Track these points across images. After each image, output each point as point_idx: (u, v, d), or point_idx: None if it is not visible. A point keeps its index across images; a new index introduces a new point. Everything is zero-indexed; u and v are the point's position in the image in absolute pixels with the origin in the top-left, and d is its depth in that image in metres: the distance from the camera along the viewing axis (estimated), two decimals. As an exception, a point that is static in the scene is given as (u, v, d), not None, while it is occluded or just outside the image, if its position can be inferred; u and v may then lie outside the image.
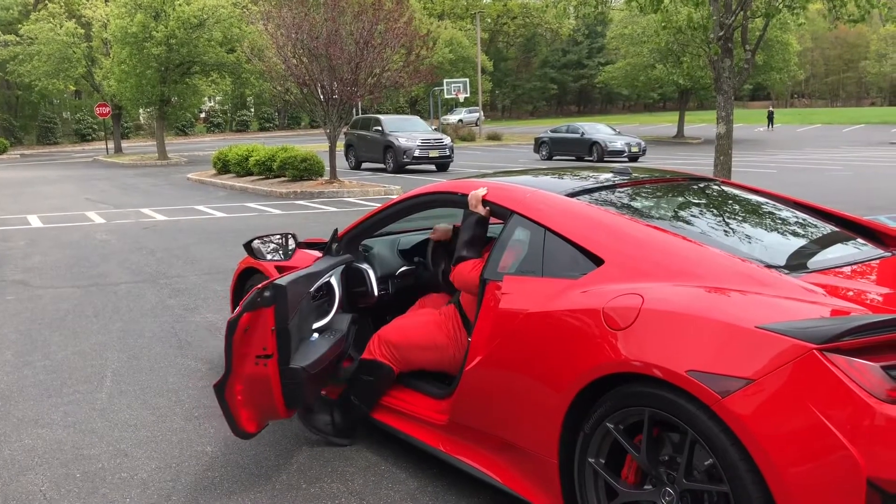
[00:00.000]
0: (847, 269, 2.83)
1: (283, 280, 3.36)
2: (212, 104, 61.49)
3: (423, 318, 3.75)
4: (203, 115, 61.35)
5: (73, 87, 45.91)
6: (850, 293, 2.58)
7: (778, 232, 3.44)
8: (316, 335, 3.72)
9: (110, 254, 9.99)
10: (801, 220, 3.53)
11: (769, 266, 2.68)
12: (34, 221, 13.74)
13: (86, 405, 4.50)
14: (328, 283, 3.87)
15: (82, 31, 36.95)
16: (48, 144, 50.48)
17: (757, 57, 14.42)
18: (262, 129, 60.61)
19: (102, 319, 6.52)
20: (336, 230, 4.23)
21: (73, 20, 37.86)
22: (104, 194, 19.01)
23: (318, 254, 4.33)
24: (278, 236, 4.31)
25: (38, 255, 10.07)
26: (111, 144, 39.28)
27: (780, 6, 11.73)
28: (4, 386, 4.87)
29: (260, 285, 3.33)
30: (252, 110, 63.62)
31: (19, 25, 38.64)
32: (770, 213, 3.60)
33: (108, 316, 6.64)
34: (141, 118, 54.02)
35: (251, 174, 20.78)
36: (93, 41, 36.83)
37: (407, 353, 3.62)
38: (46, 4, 39.49)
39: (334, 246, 4.14)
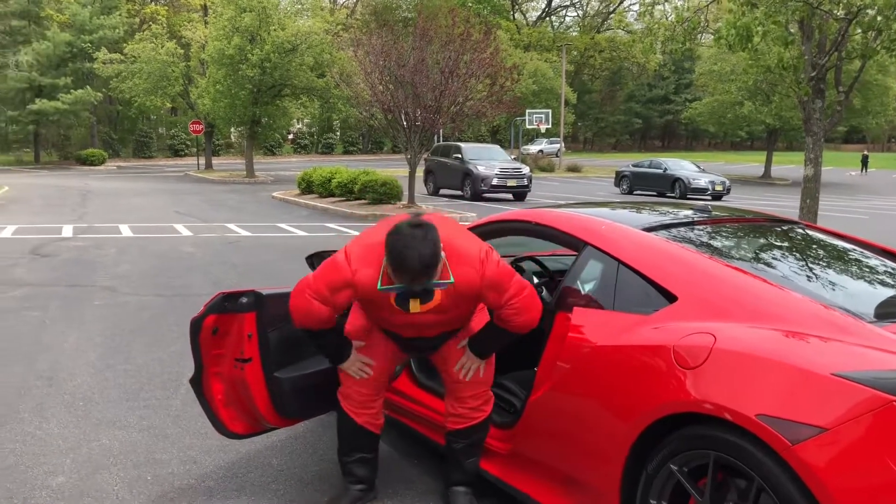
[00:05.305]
0: (935, 322, 2.71)
1: (265, 290, 3.43)
2: (300, 126, 63.05)
3: None
4: (291, 136, 62.96)
5: (169, 105, 47.86)
6: (937, 346, 2.46)
7: (864, 279, 3.32)
8: None
9: (194, 266, 10.33)
10: (889, 269, 3.39)
11: (852, 314, 2.59)
12: (125, 231, 14.33)
13: (161, 410, 4.65)
14: None
15: (181, 51, 38.54)
16: (143, 158, 52.60)
17: (854, 100, 13.96)
18: (346, 152, 61.83)
19: (182, 328, 6.69)
20: None
21: (174, 41, 39.58)
22: (192, 208, 19.69)
23: None
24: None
25: (126, 263, 10.49)
26: (202, 160, 40.71)
27: (878, 47, 11.32)
28: (87, 387, 5.08)
29: (237, 290, 3.41)
30: (338, 134, 64.98)
31: (123, 45, 40.55)
32: (856, 259, 3.48)
33: (189, 325, 6.81)
34: (232, 136, 55.86)
35: (333, 195, 21.21)
36: (190, 61, 38.39)
37: None
38: (150, 26, 41.44)
39: None
